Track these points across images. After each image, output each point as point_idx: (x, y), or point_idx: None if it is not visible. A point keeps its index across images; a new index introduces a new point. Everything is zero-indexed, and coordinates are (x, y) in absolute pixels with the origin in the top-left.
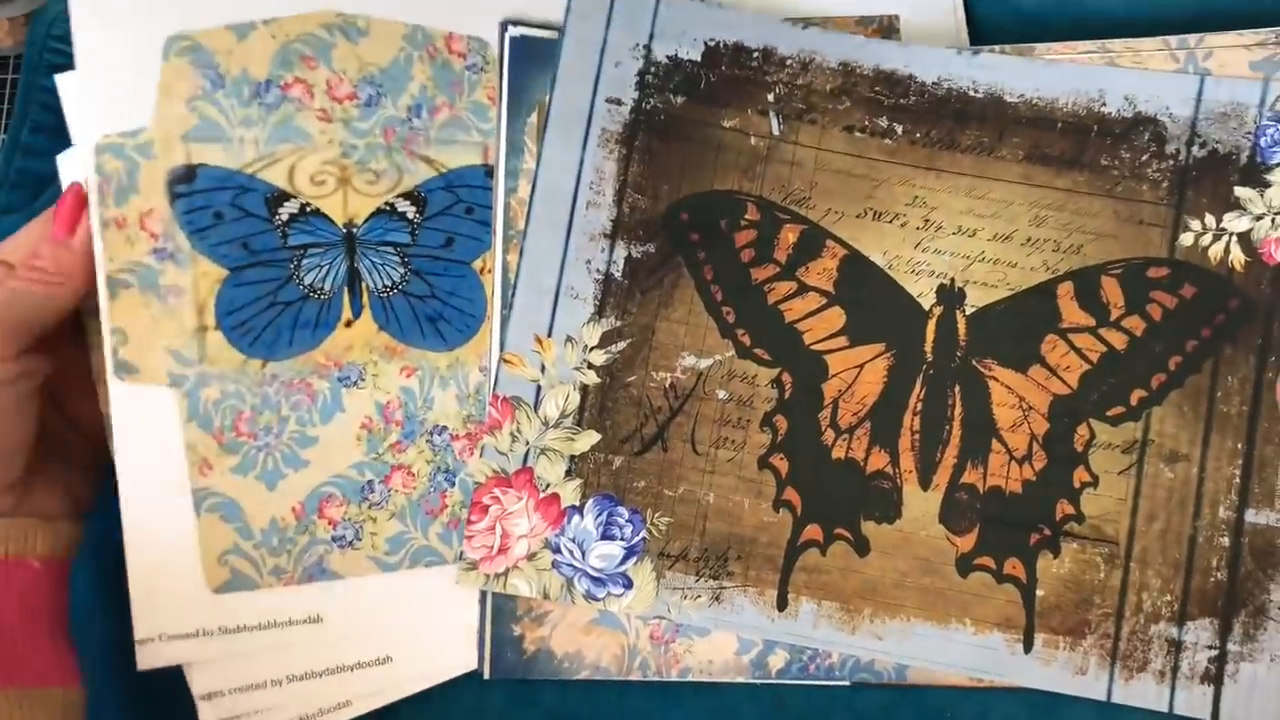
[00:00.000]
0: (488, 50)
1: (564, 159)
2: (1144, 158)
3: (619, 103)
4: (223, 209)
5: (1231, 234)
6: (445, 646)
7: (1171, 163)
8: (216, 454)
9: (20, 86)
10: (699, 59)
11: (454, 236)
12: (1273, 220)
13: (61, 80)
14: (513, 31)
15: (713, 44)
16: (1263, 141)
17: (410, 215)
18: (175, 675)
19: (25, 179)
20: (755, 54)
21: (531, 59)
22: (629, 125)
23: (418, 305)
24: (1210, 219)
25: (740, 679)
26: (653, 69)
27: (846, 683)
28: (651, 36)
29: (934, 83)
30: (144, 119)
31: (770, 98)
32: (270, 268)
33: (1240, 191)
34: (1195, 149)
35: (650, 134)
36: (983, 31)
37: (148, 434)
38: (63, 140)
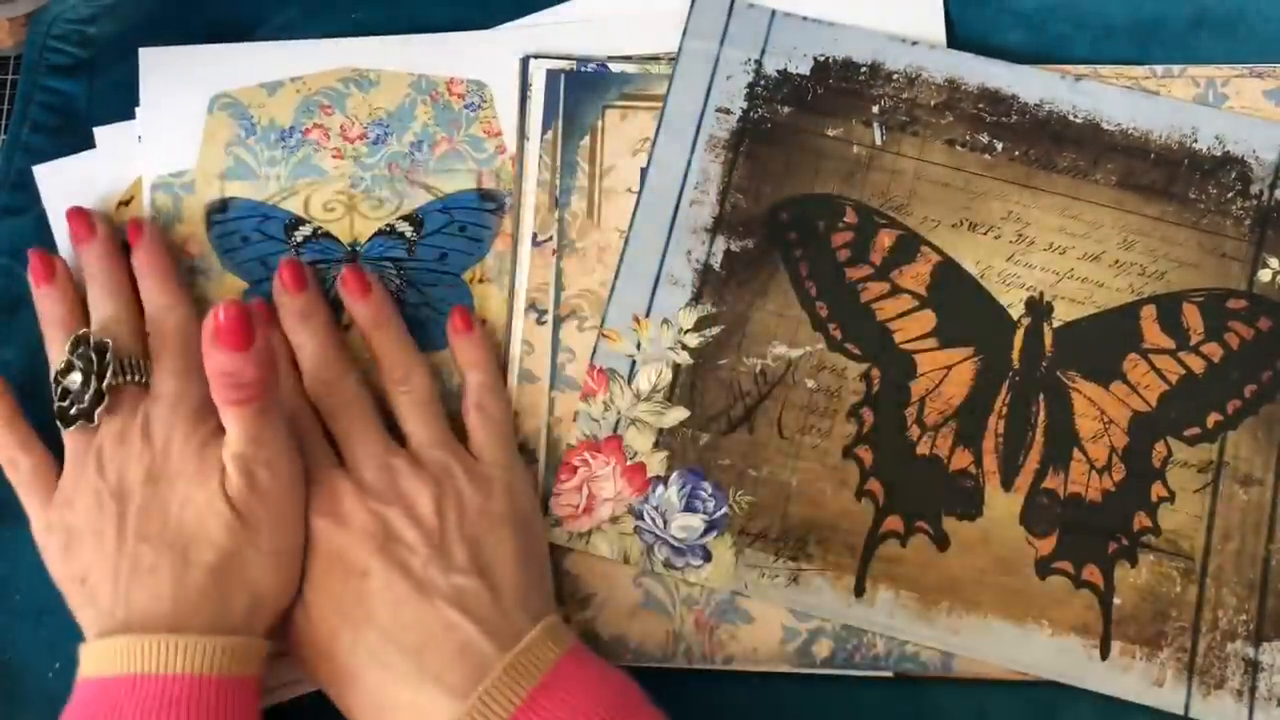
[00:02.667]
0: (485, 91)
1: (672, 160)
2: (1229, 195)
3: (727, 112)
4: (249, 234)
5: None
6: None
7: (1255, 202)
8: None
9: (20, 86)
10: (808, 73)
11: (447, 252)
12: None
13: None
14: (556, 65)
15: (822, 59)
16: None
17: (408, 234)
18: None
19: (25, 179)
20: (863, 69)
21: (584, 89)
22: (736, 132)
23: (411, 311)
24: None
25: (785, 667)
26: (762, 82)
27: (890, 674)
28: (763, 53)
29: (1036, 104)
30: (189, 162)
31: (875, 110)
32: None
33: None
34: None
35: (756, 140)
36: (977, 35)
37: None
38: (62, 141)
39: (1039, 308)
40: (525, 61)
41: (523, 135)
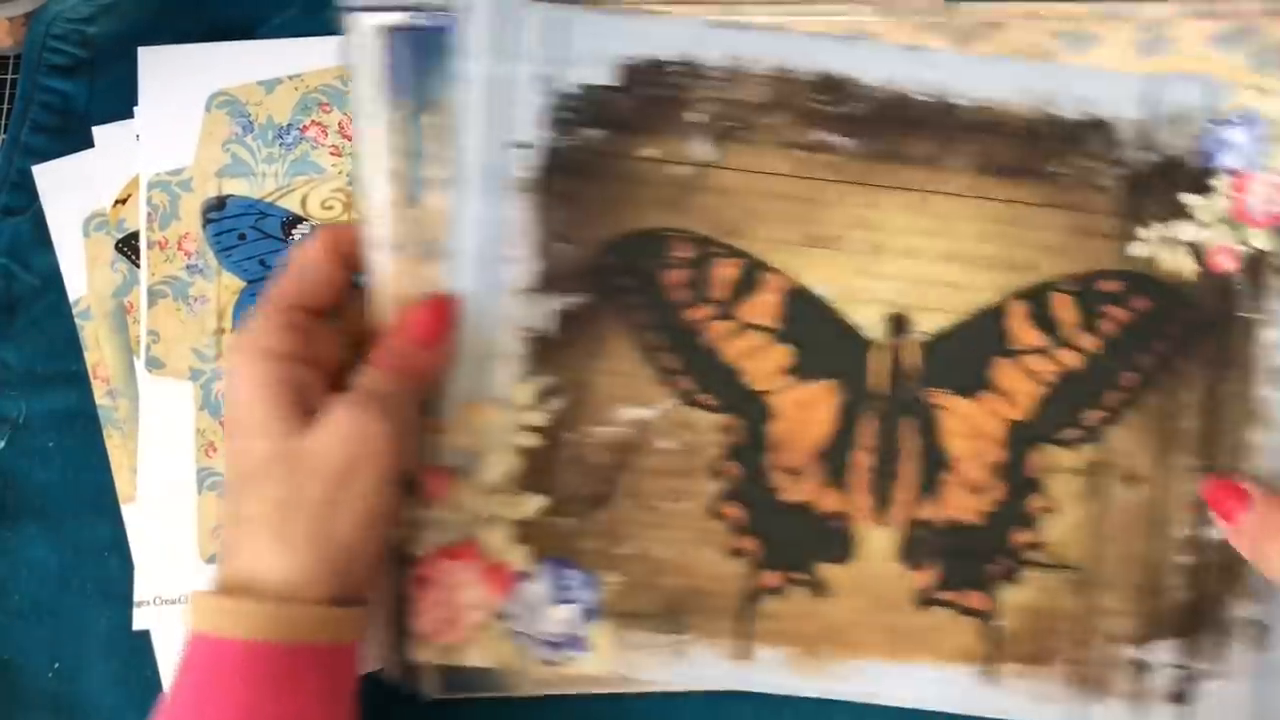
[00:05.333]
0: None
1: (474, 215)
2: (1094, 164)
3: (527, 146)
4: (245, 231)
5: (1181, 243)
6: None
7: (1122, 170)
8: (221, 439)
9: (20, 86)
10: (612, 83)
11: None
12: (1219, 228)
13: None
14: (383, 20)
15: (625, 63)
16: (1206, 145)
17: None
18: None
19: (25, 179)
20: (675, 68)
21: (421, 53)
22: (542, 169)
23: None
24: (1160, 227)
25: None
26: (560, 102)
27: None
28: (556, 65)
29: (877, 85)
30: (187, 159)
31: (695, 118)
32: None
33: (1188, 198)
34: (1145, 154)
35: (566, 176)
36: None
37: (167, 419)
38: (62, 141)
39: (898, 323)
40: (345, 13)
41: (357, 115)
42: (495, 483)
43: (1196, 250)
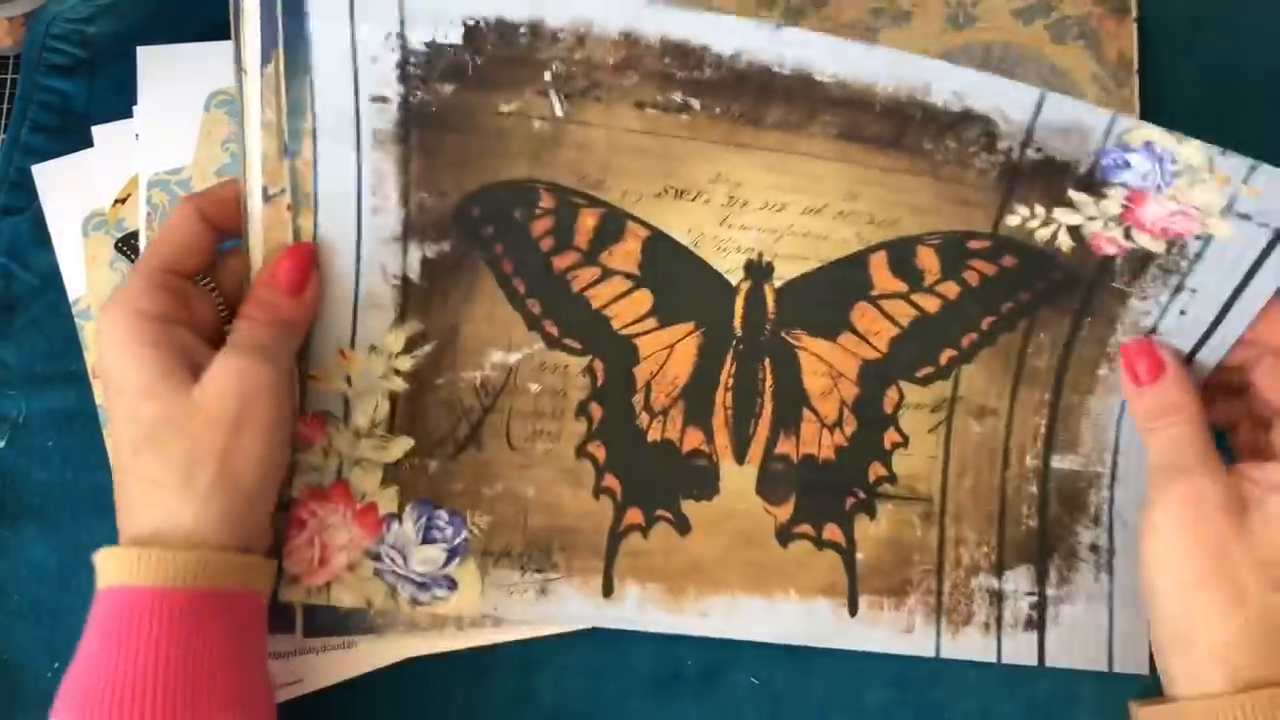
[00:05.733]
0: None
1: (339, 166)
2: (972, 149)
3: (385, 100)
4: None
5: (1061, 224)
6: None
7: (1003, 158)
8: None
9: (20, 86)
10: (460, 41)
11: None
12: (1105, 223)
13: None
14: None
15: (472, 23)
16: (1105, 162)
17: None
18: None
19: (25, 179)
20: (522, 29)
21: (297, 10)
22: (400, 123)
23: None
24: (1040, 209)
25: None
26: (412, 59)
27: None
28: (403, 23)
29: (732, 55)
30: (186, 159)
31: (548, 76)
32: None
33: (1075, 195)
34: (1030, 151)
35: (424, 128)
36: None
37: None
38: (62, 141)
39: (758, 269)
40: None
41: (240, 68)
42: (365, 426)
43: (1077, 233)
